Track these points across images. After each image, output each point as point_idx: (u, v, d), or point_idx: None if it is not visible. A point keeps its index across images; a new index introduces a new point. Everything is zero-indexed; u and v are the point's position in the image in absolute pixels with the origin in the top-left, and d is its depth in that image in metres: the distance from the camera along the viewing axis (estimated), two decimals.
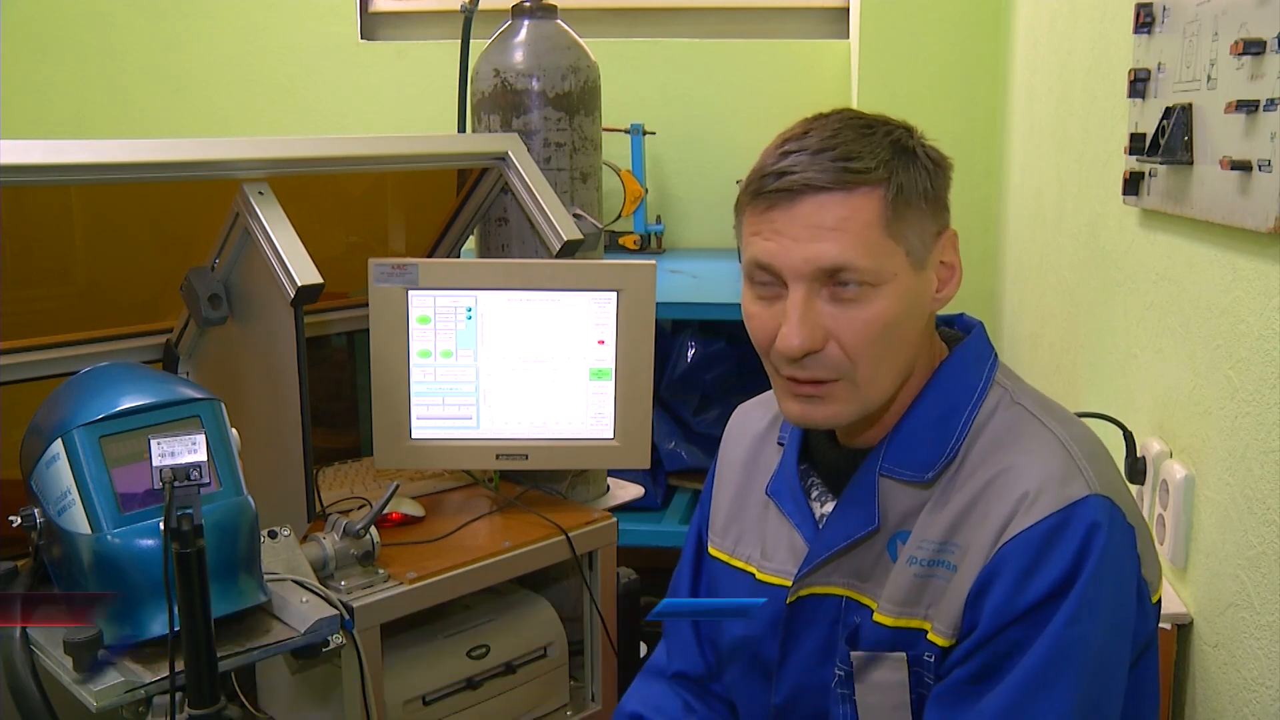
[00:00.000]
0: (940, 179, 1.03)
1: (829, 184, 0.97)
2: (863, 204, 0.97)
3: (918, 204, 1.00)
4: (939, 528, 1.01)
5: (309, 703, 1.70)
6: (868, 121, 1.02)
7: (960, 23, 2.79)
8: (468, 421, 1.83)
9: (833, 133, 0.99)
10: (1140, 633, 1.02)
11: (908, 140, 1.02)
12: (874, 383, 1.01)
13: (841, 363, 1.00)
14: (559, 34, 2.00)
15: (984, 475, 1.00)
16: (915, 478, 1.03)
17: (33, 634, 1.30)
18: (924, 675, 1.02)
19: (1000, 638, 0.96)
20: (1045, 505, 0.96)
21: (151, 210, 1.87)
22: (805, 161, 0.98)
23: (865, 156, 0.98)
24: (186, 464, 1.11)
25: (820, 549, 1.07)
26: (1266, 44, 1.06)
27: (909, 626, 1.02)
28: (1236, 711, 1.18)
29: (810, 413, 1.03)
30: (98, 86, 3.47)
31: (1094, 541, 0.94)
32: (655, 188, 3.23)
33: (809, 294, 0.98)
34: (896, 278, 0.99)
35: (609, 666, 1.89)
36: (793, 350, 0.98)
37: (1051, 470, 0.98)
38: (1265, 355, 1.11)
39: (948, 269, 1.05)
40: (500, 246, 2.03)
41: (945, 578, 1.00)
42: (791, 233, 0.98)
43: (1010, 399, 1.05)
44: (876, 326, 0.98)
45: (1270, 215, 1.05)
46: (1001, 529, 0.97)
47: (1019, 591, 0.95)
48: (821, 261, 0.97)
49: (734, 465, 1.24)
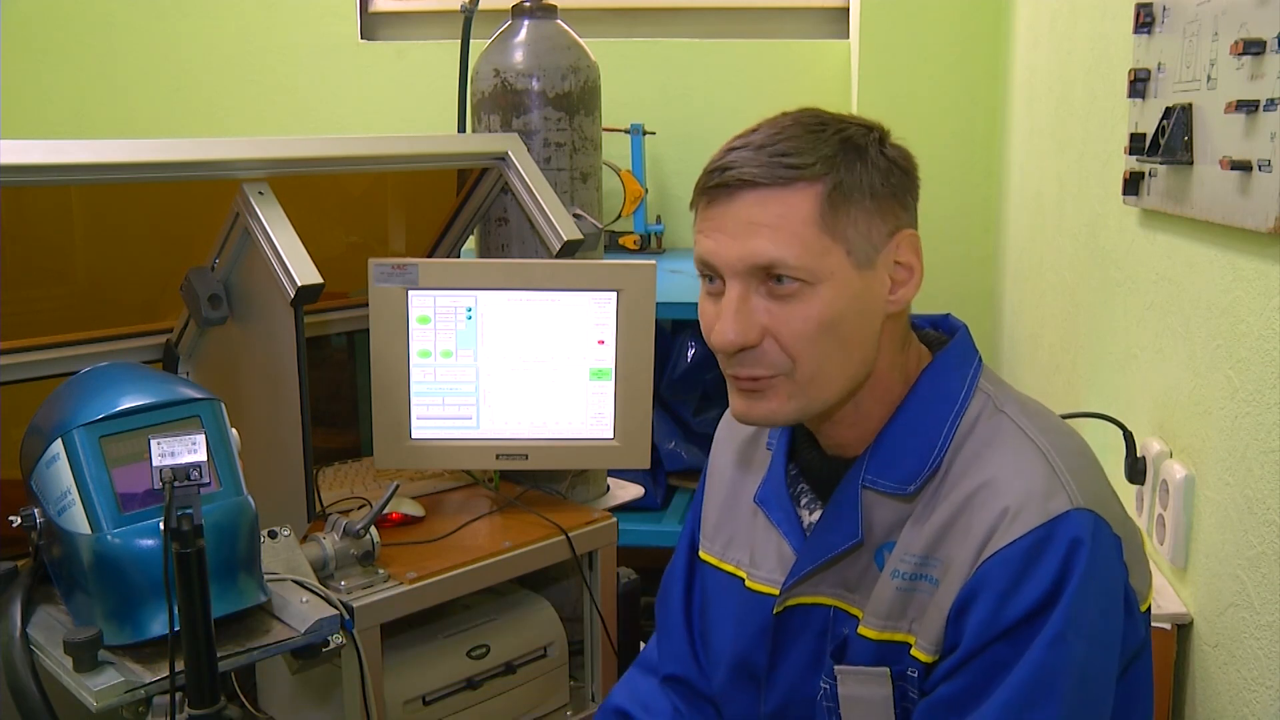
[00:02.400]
0: (897, 178, 1.00)
1: (764, 180, 0.96)
2: (798, 201, 0.96)
3: (860, 202, 0.97)
4: (922, 541, 1.00)
5: (309, 703, 1.70)
6: (823, 120, 1.00)
7: (960, 23, 2.79)
8: (468, 421, 1.83)
9: (780, 129, 0.98)
10: (1129, 642, 1.01)
11: (862, 139, 0.99)
12: (817, 381, 0.99)
13: (779, 359, 0.98)
14: (559, 34, 2.00)
15: (966, 488, 0.98)
16: (897, 490, 1.02)
17: (33, 634, 1.31)
18: (908, 690, 1.01)
19: (983, 655, 0.95)
20: (1027, 521, 0.94)
21: (151, 210, 1.87)
22: (746, 158, 0.97)
23: (805, 153, 0.96)
24: (186, 464, 1.12)
25: (805, 561, 1.06)
26: (1266, 44, 1.06)
27: (893, 640, 1.01)
28: (1236, 711, 1.18)
29: (750, 409, 1.02)
30: (97, 86, 3.47)
31: (1077, 557, 0.93)
32: (655, 188, 3.23)
33: (745, 290, 0.98)
34: (834, 276, 0.97)
35: (609, 666, 1.89)
36: (727, 346, 0.98)
37: (1033, 484, 0.96)
38: (1265, 355, 1.11)
39: (905, 270, 1.02)
40: (500, 246, 2.03)
41: (928, 592, 0.99)
42: (728, 229, 0.98)
43: (994, 406, 1.03)
44: (813, 324, 0.97)
45: (1270, 215, 1.05)
46: (983, 545, 0.95)
47: (1001, 609, 0.94)
48: (755, 258, 0.96)
49: (724, 468, 1.23)
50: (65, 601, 1.33)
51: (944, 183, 2.79)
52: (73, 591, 1.28)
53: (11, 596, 1.33)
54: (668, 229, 3.22)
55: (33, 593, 1.35)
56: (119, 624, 1.22)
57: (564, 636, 1.89)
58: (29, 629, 1.31)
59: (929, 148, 3.24)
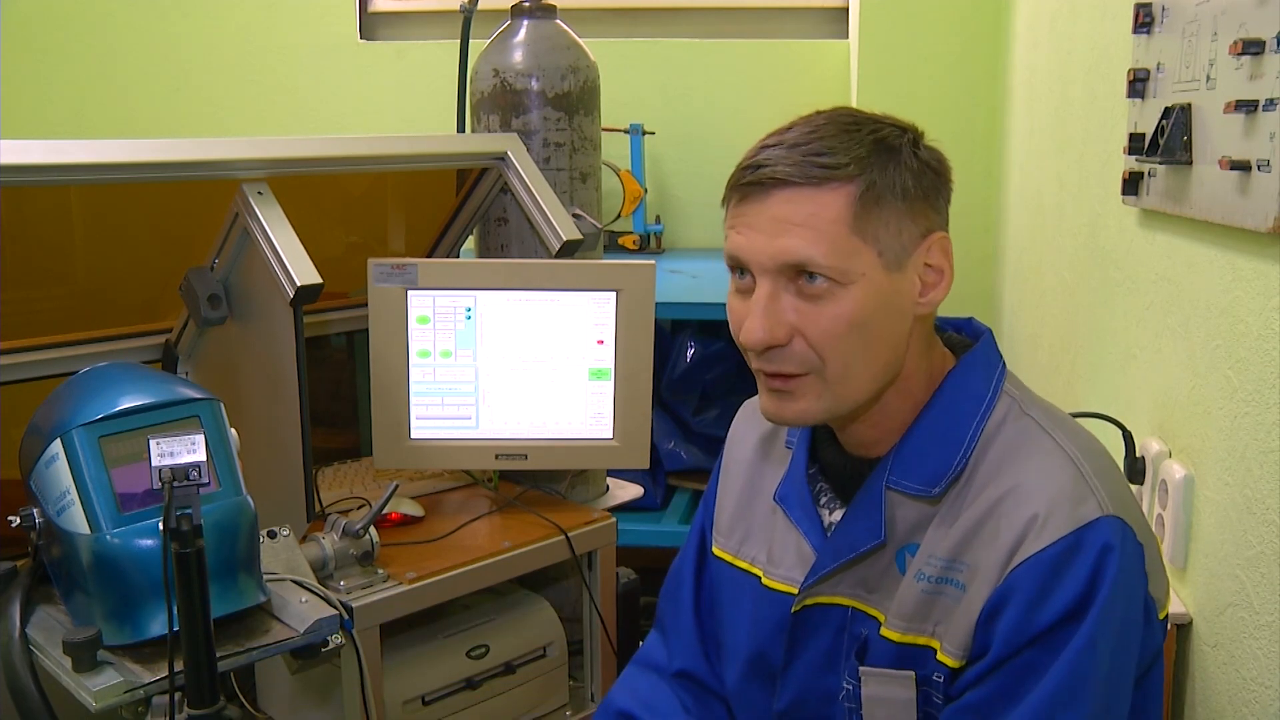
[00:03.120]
0: (930, 181, 1.01)
1: (797, 179, 0.96)
2: (830, 200, 0.96)
3: (892, 203, 0.97)
4: (948, 544, 1.00)
5: (308, 703, 1.70)
6: (857, 120, 1.00)
7: (960, 23, 2.79)
8: (467, 421, 1.83)
9: (814, 129, 0.98)
10: (1146, 649, 1.01)
11: (896, 139, 0.99)
12: (846, 381, 0.99)
13: (809, 358, 0.99)
14: (558, 34, 2.00)
15: (993, 492, 0.99)
16: (922, 492, 1.02)
17: (32, 634, 1.31)
18: (932, 695, 1.01)
19: (1014, 661, 0.95)
20: (1057, 528, 0.94)
21: (151, 210, 1.87)
22: (779, 156, 0.97)
23: (839, 153, 0.96)
24: (186, 464, 1.12)
25: (826, 560, 1.06)
26: (1265, 44, 1.06)
27: (916, 643, 1.01)
28: (1235, 711, 1.18)
29: (781, 408, 1.02)
30: (97, 86, 3.47)
31: (1107, 564, 0.93)
32: (655, 188, 3.23)
33: (775, 288, 0.98)
34: (865, 277, 0.97)
35: (608, 666, 1.89)
36: (755, 342, 0.98)
37: (1062, 489, 0.96)
38: (1265, 355, 1.11)
39: (935, 273, 1.02)
40: (500, 246, 2.03)
41: (954, 597, 0.99)
42: (759, 226, 0.98)
43: (1019, 410, 1.03)
44: (842, 323, 0.97)
45: (1269, 215, 1.05)
46: (1012, 551, 0.95)
47: (1032, 615, 0.94)
48: (786, 256, 0.96)
49: (740, 463, 1.22)
50: (64, 602, 1.33)
51: None
52: (72, 591, 1.28)
53: (11, 597, 1.33)
54: (667, 229, 3.22)
55: (32, 593, 1.35)
56: (118, 624, 1.22)
57: (563, 636, 1.89)
58: (28, 629, 1.31)
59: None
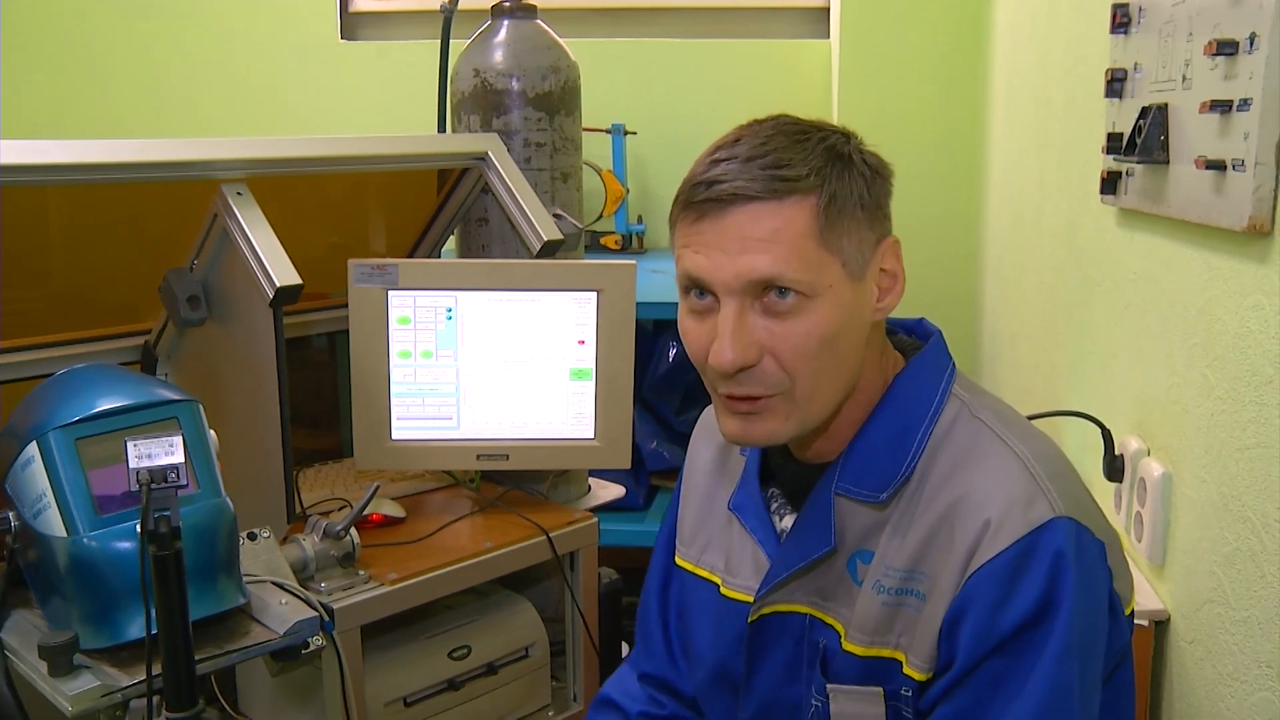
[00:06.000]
0: (879, 186, 0.99)
1: (759, 193, 0.94)
2: (794, 214, 0.94)
3: (853, 212, 0.96)
4: (905, 554, 0.99)
5: (289, 705, 1.69)
6: (803, 128, 0.98)
7: (941, 23, 2.80)
8: (448, 422, 1.82)
9: (764, 140, 0.96)
10: (1114, 646, 1.01)
11: (843, 146, 0.98)
12: (813, 398, 0.98)
13: (778, 378, 0.97)
14: (539, 34, 1.99)
15: (946, 498, 0.98)
16: (870, 498, 1.01)
17: (6, 638, 1.29)
18: (901, 709, 1.00)
19: (980, 671, 0.94)
20: (1010, 532, 0.93)
21: (130, 211, 1.85)
22: (735, 170, 0.94)
23: (797, 164, 0.94)
24: (164, 466, 1.10)
25: (779, 569, 1.06)
26: (1239, 45, 1.07)
27: (881, 656, 1.00)
28: (1212, 706, 1.19)
29: (748, 430, 1.00)
30: (76, 86, 3.44)
31: (1063, 567, 0.92)
32: (637, 188, 3.23)
33: (741, 308, 0.95)
34: (832, 289, 0.95)
35: (591, 667, 1.89)
36: (726, 366, 0.96)
37: (1014, 493, 0.95)
38: (1241, 353, 1.12)
39: (889, 277, 1.01)
40: (480, 247, 2.03)
41: (915, 607, 0.98)
42: (721, 245, 0.95)
43: (969, 412, 1.02)
44: (814, 340, 0.95)
45: (1244, 214, 1.06)
46: (968, 558, 0.94)
47: (993, 623, 0.93)
48: (753, 275, 0.94)
49: (700, 472, 1.22)
50: (41, 606, 1.31)
51: (925, 183, 2.79)
52: (48, 595, 1.27)
53: None
54: (649, 229, 3.22)
55: (7, 597, 1.34)
56: (96, 627, 1.21)
57: (545, 637, 1.89)
58: (3, 633, 1.30)
59: (910, 148, 3.26)
